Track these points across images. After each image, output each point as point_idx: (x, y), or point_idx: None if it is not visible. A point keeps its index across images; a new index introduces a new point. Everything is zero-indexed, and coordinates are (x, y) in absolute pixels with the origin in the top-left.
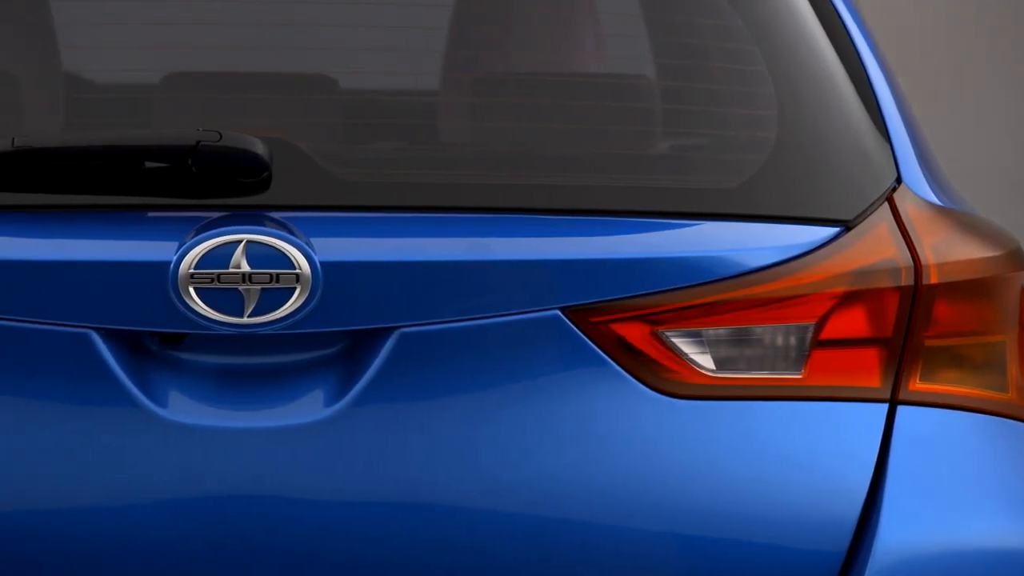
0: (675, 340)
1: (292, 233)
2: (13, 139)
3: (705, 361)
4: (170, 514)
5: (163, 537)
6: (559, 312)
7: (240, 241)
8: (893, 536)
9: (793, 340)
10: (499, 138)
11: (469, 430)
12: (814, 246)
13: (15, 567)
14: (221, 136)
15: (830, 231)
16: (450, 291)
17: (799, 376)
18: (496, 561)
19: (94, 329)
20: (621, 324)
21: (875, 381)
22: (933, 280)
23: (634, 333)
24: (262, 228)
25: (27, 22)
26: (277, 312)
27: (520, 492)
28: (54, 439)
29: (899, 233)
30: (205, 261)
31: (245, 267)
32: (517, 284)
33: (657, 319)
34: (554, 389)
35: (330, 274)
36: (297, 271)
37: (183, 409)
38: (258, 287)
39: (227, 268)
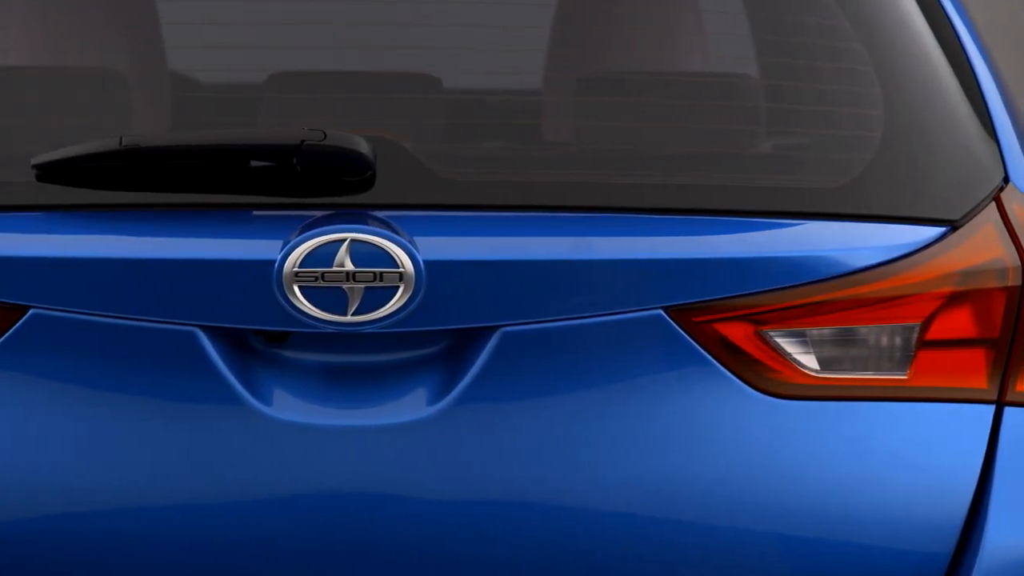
0: (779, 340)
1: (395, 232)
2: (121, 138)
3: (809, 361)
4: (273, 511)
5: (266, 534)
6: (662, 312)
7: (344, 240)
8: (1000, 537)
9: (898, 340)
10: (602, 137)
11: (571, 430)
12: (920, 246)
13: (124, 564)
14: (325, 135)
15: (936, 231)
16: (553, 290)
17: (904, 377)
18: (597, 561)
19: (200, 327)
20: (724, 324)
21: (981, 382)
22: None
23: (737, 333)
24: (366, 227)
25: (134, 22)
26: (380, 311)
27: (622, 492)
28: (161, 437)
29: (1006, 233)
30: (309, 260)
31: (349, 266)
32: (620, 283)
33: (761, 319)
34: (656, 389)
35: (433, 273)
36: (400, 270)
37: (287, 407)
38: (362, 286)
39: (331, 267)
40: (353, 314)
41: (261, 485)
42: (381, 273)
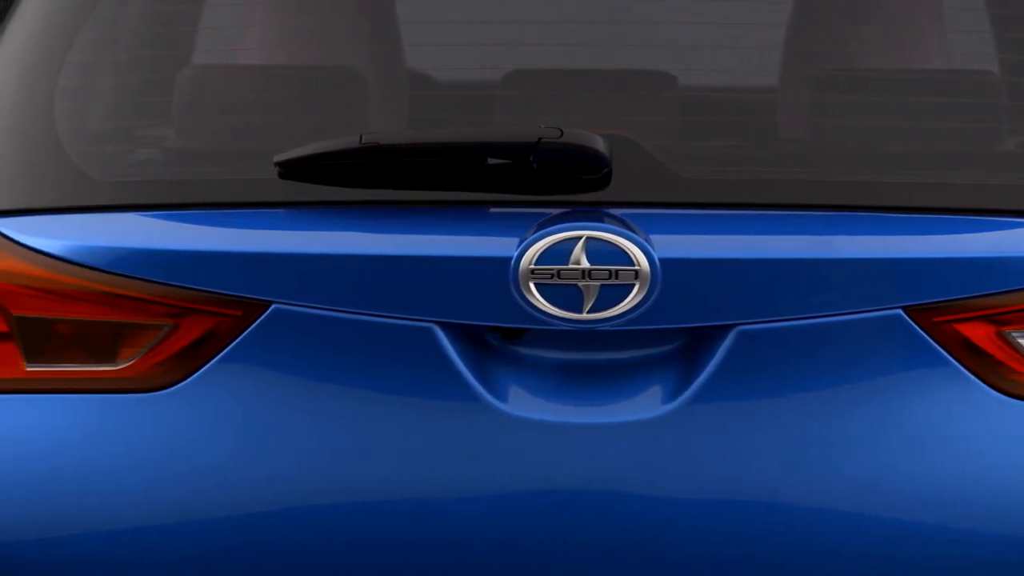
0: (1021, 341)
1: (631, 230)
2: (361, 136)
3: None
4: (507, 507)
5: (500, 530)
6: (901, 311)
7: (580, 237)
8: None
9: None
10: (839, 135)
11: (807, 430)
12: None
13: (360, 559)
14: (562, 133)
15: None
16: (790, 289)
17: None
18: (835, 562)
19: (437, 323)
20: (965, 324)
21: None
22: None
23: (978, 333)
24: (602, 224)
25: (375, 22)
26: (616, 308)
27: (859, 493)
28: (397, 432)
29: None
30: (545, 257)
31: (585, 263)
32: (858, 283)
33: (1003, 319)
34: (894, 389)
35: (669, 271)
36: (636, 268)
37: (523, 403)
38: (597, 283)
39: (567, 264)
40: (588, 312)
41: (496, 481)
42: (617, 271)
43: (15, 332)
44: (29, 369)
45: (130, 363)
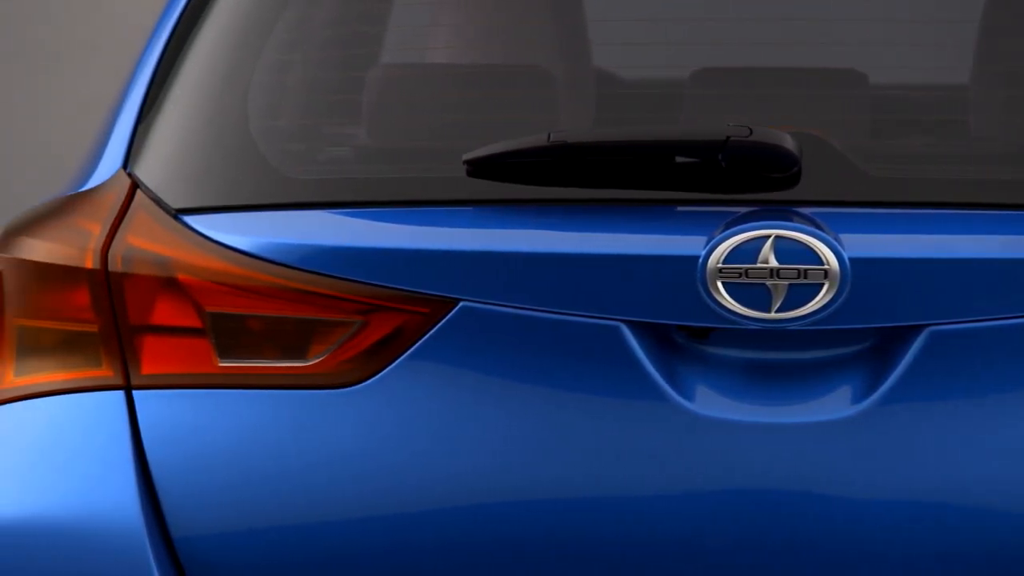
0: None
1: (821, 229)
2: (549, 134)
3: None
4: (694, 507)
5: (686, 529)
6: None
7: (769, 236)
8: None
9: None
10: None
11: (1001, 432)
12: None
13: (546, 557)
14: (751, 131)
15: None
16: (983, 289)
17: None
18: None
19: (624, 322)
20: None
21: None
22: None
23: None
24: (791, 223)
25: (562, 21)
26: (804, 308)
27: None
28: (583, 430)
29: None
30: (733, 256)
31: (773, 262)
32: None
33: None
34: None
35: (859, 270)
36: (826, 267)
37: (710, 403)
38: (786, 282)
39: (755, 263)
40: (777, 311)
41: (683, 480)
42: (806, 270)
43: (208, 328)
44: (221, 365)
45: (320, 359)
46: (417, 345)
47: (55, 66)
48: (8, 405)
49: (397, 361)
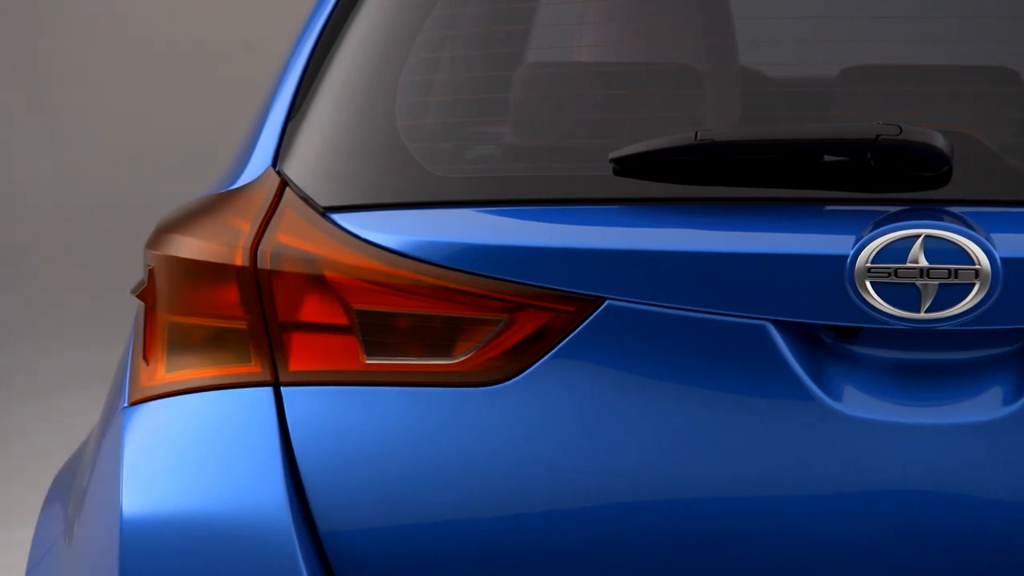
0: None
1: (972, 228)
2: (696, 133)
3: None
4: (843, 507)
5: (834, 530)
6: None
7: (918, 236)
8: None
9: None
10: None
11: None
12: None
13: (692, 558)
14: (901, 130)
15: None
16: None
17: None
18: None
19: (771, 321)
20: None
21: None
22: None
23: None
24: (941, 223)
25: (709, 19)
26: (955, 308)
27: None
28: (729, 429)
29: None
30: (882, 255)
31: (923, 262)
32: None
33: None
34: None
35: (1011, 270)
36: (976, 267)
37: (858, 403)
38: (935, 282)
39: (904, 263)
40: (926, 311)
41: (830, 481)
42: (956, 270)
43: (355, 325)
44: (368, 362)
45: (466, 357)
46: (562, 344)
47: (209, 66)
48: (159, 401)
49: (542, 360)
